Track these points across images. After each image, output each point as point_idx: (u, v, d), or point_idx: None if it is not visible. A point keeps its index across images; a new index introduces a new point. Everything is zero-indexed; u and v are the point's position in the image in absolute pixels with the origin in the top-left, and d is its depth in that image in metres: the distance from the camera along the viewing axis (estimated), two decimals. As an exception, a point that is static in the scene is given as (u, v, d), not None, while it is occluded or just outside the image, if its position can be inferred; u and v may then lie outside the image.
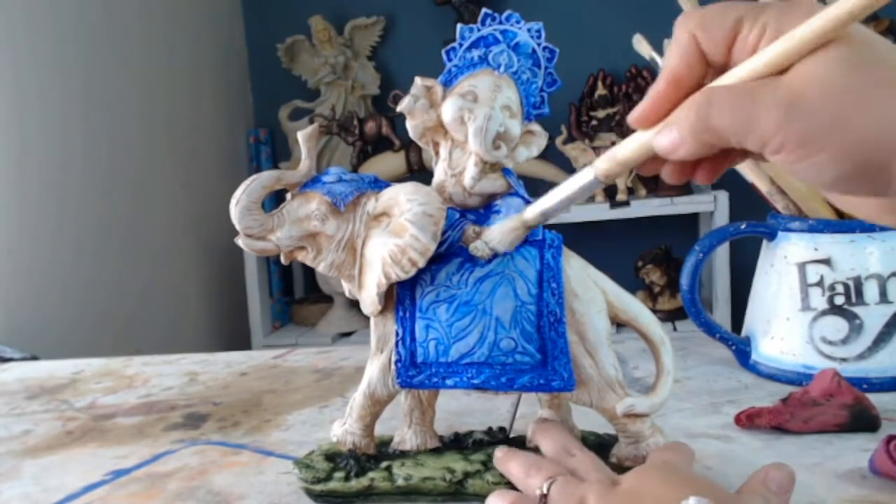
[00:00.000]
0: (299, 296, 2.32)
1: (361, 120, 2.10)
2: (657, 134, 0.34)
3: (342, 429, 0.52)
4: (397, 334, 0.48)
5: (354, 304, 2.10)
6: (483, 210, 0.48)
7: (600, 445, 0.51)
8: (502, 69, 0.47)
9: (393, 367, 0.48)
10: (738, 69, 0.32)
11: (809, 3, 0.31)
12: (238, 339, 2.11)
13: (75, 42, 1.59)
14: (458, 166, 0.48)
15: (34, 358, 1.03)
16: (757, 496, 0.41)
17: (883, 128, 0.30)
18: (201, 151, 2.06)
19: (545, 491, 0.42)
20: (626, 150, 0.36)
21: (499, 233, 0.43)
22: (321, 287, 2.14)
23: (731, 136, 0.32)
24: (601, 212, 1.89)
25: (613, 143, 2.06)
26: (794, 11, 0.31)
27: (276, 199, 0.48)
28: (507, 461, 0.47)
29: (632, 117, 0.35)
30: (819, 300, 0.66)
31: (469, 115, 0.46)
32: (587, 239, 1.71)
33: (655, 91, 0.34)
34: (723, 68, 0.33)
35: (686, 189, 1.93)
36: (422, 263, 0.46)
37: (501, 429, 0.54)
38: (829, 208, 0.69)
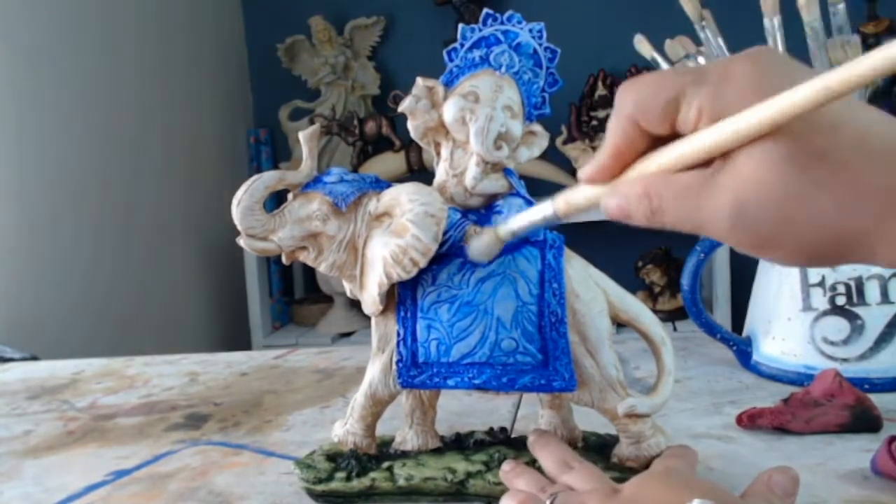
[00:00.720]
0: (299, 296, 2.32)
1: (361, 120, 2.10)
2: (606, 196, 0.35)
3: (343, 429, 0.52)
4: (399, 334, 0.48)
5: (354, 304, 2.10)
6: (484, 210, 0.48)
7: (602, 446, 0.51)
8: (503, 69, 0.47)
9: (394, 367, 0.48)
10: (677, 149, 0.32)
11: (743, 76, 0.30)
12: (238, 339, 2.11)
13: (74, 43, 1.59)
14: (460, 166, 0.48)
15: (34, 358, 1.03)
16: (761, 499, 0.41)
17: (825, 229, 0.30)
18: (201, 151, 2.06)
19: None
20: (579, 196, 0.37)
21: (477, 245, 0.44)
22: (321, 287, 2.14)
23: (683, 230, 0.33)
24: (601, 212, 1.89)
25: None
26: (728, 90, 0.30)
27: (277, 199, 0.48)
28: (513, 477, 0.47)
29: (582, 174, 0.36)
30: (820, 300, 0.66)
31: (470, 116, 0.47)
32: (587, 239, 1.70)
33: (600, 162, 0.35)
34: (668, 138, 0.33)
35: (686, 189, 1.93)
36: (423, 263, 0.46)
37: (503, 429, 0.54)
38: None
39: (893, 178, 0.29)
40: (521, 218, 0.41)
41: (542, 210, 0.38)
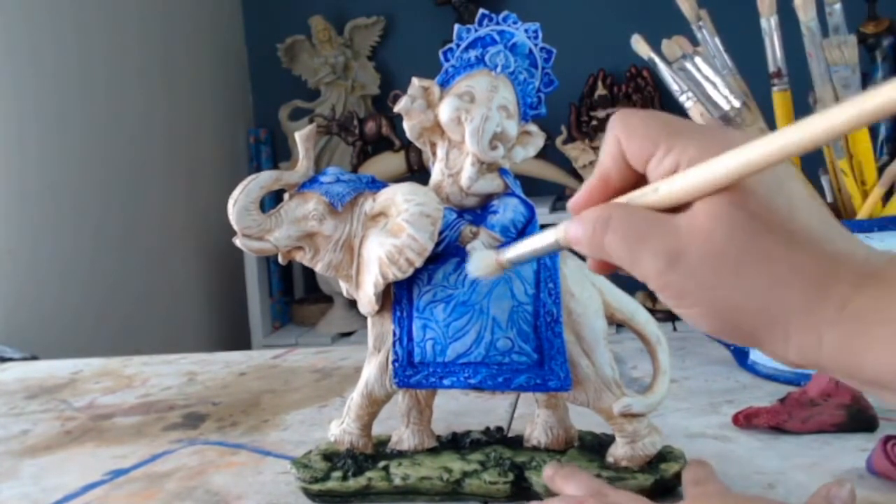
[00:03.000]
0: (299, 296, 2.32)
1: (361, 120, 2.10)
2: (568, 223, 0.34)
3: (340, 428, 0.52)
4: (395, 334, 0.48)
5: (354, 304, 2.09)
6: (480, 210, 0.48)
7: (598, 445, 0.51)
8: (499, 70, 0.47)
9: (390, 366, 0.48)
10: (642, 192, 0.32)
11: (725, 143, 0.30)
12: (238, 339, 2.11)
13: (74, 43, 1.59)
14: (455, 167, 0.48)
15: (34, 358, 1.03)
16: None
17: (748, 299, 0.30)
18: (201, 151, 2.06)
19: None
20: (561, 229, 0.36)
21: (476, 264, 0.43)
22: (321, 287, 2.14)
23: (618, 262, 0.33)
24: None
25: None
26: (710, 150, 0.30)
27: (275, 198, 0.48)
28: (562, 481, 0.45)
29: (569, 203, 0.35)
30: (817, 300, 0.66)
31: (466, 116, 0.47)
32: (587, 239, 1.70)
33: (589, 184, 0.34)
34: (644, 176, 0.33)
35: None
36: (419, 263, 0.46)
37: (499, 428, 0.54)
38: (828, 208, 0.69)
39: (835, 267, 0.29)
40: (526, 245, 0.40)
41: (548, 237, 0.38)
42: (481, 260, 0.41)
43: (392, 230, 0.46)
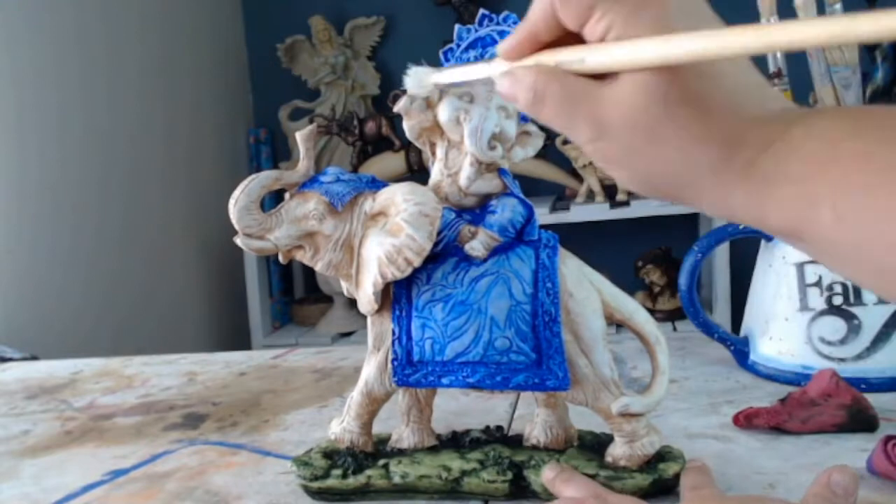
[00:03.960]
0: (299, 296, 2.32)
1: (361, 120, 2.10)
2: (502, 75, 0.36)
3: (340, 427, 0.52)
4: (394, 333, 0.48)
5: (354, 304, 2.09)
6: (479, 210, 0.49)
7: (597, 445, 0.51)
8: (499, 69, 0.47)
9: (389, 365, 0.48)
10: (570, 59, 0.34)
11: (657, 9, 0.31)
12: (238, 339, 2.11)
13: (75, 43, 1.59)
14: (455, 166, 0.48)
15: (34, 358, 1.03)
16: (822, 501, 0.41)
17: (663, 164, 0.33)
18: (201, 151, 2.06)
19: None
20: (495, 67, 0.38)
21: (416, 77, 0.44)
22: (321, 287, 2.14)
23: (556, 129, 0.35)
24: (601, 212, 1.89)
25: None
26: (640, 18, 0.31)
27: (276, 198, 0.49)
28: (561, 485, 0.46)
29: (498, 47, 0.37)
30: (817, 300, 0.66)
31: (465, 116, 0.47)
32: (587, 239, 1.71)
33: (518, 35, 0.36)
34: (577, 36, 0.34)
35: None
36: (417, 263, 0.46)
37: (499, 427, 0.54)
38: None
39: (743, 132, 0.32)
40: (458, 73, 0.42)
41: (477, 72, 0.40)
42: (419, 77, 0.42)
43: (391, 230, 0.46)
